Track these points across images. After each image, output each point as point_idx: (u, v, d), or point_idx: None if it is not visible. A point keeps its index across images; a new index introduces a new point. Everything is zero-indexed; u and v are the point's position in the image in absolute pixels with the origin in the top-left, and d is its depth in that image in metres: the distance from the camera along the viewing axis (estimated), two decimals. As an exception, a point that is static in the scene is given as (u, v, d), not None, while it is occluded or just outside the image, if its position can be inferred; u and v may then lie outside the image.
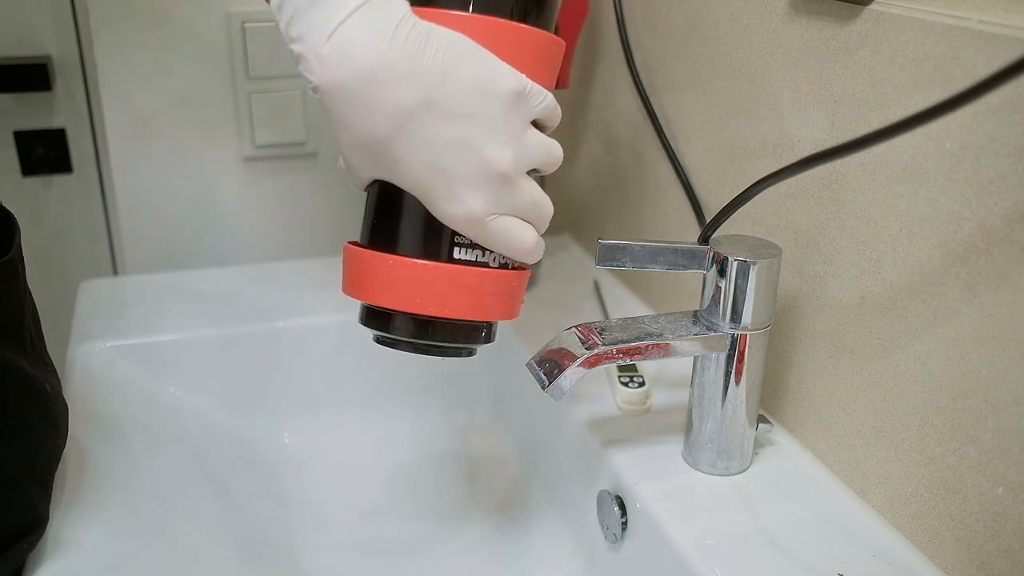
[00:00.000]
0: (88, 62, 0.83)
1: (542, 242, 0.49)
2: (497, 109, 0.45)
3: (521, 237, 0.47)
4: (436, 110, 0.44)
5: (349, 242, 0.50)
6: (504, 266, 0.49)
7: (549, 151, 0.48)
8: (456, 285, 0.47)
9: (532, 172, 0.49)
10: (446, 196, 0.45)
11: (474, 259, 0.48)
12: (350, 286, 0.50)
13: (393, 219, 0.48)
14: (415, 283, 0.47)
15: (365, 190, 0.50)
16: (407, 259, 0.47)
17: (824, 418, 0.56)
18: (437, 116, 0.44)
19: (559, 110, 0.48)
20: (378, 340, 0.51)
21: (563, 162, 0.49)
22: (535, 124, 0.48)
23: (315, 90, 0.44)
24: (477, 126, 0.44)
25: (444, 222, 0.46)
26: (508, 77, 0.45)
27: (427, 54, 0.43)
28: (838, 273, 0.54)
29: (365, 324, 0.50)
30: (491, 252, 0.49)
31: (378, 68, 0.42)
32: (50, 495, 0.54)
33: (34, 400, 0.51)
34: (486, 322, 0.50)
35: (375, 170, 0.47)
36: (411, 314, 0.48)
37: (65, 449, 0.56)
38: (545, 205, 0.49)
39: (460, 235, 0.47)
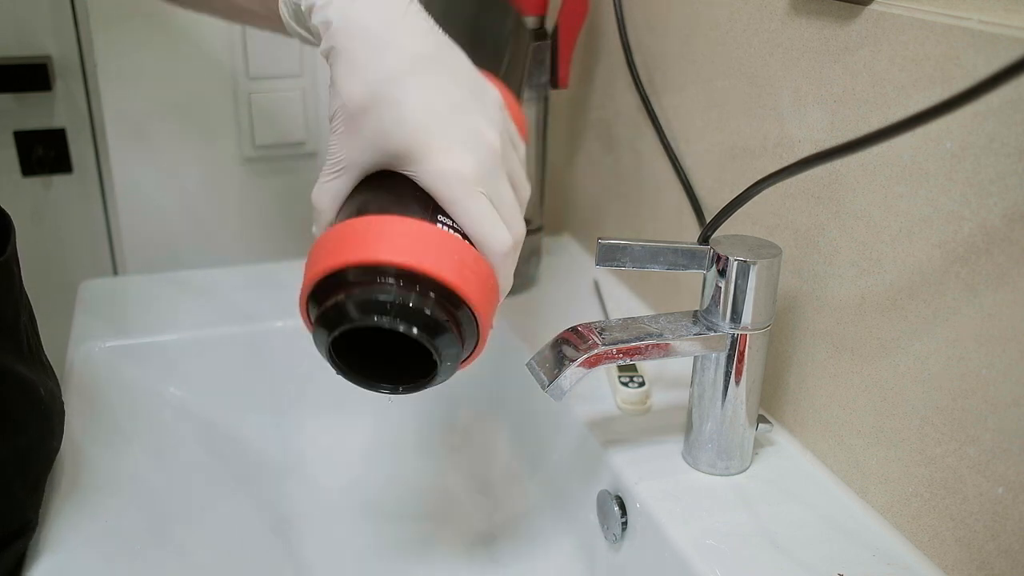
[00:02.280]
0: (88, 62, 0.83)
1: (515, 255, 0.46)
2: (490, 102, 0.47)
3: (499, 229, 0.45)
4: (446, 69, 0.46)
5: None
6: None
7: (521, 172, 0.49)
8: (442, 244, 0.43)
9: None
10: (444, 149, 0.44)
11: (460, 235, 0.44)
12: (310, 267, 0.43)
13: (373, 206, 0.44)
14: (403, 237, 0.42)
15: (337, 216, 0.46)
16: (392, 217, 0.43)
17: (824, 418, 0.56)
18: (447, 74, 0.45)
19: (526, 184, 0.50)
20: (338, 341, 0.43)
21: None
22: None
23: (327, 26, 0.44)
24: (476, 102, 0.46)
25: (432, 178, 0.44)
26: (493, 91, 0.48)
27: (437, 32, 0.46)
28: (838, 273, 0.54)
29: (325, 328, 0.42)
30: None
31: (397, 21, 0.45)
32: (41, 499, 0.54)
33: (29, 404, 0.51)
34: (458, 332, 0.44)
35: (367, 132, 0.44)
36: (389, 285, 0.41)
37: (63, 450, 0.56)
38: (518, 217, 0.47)
39: (444, 215, 0.44)
